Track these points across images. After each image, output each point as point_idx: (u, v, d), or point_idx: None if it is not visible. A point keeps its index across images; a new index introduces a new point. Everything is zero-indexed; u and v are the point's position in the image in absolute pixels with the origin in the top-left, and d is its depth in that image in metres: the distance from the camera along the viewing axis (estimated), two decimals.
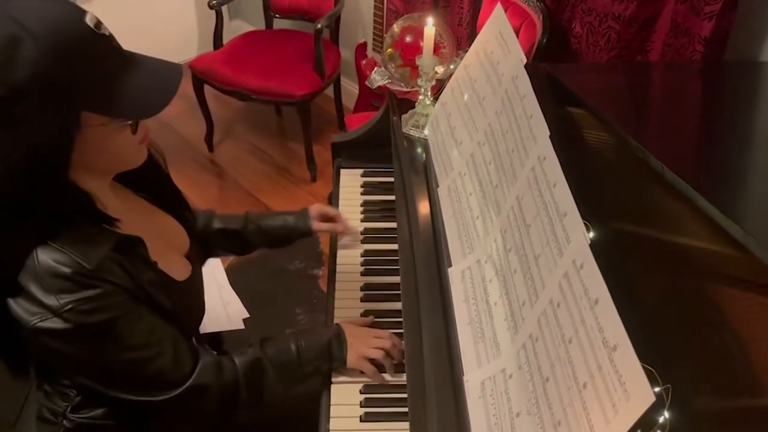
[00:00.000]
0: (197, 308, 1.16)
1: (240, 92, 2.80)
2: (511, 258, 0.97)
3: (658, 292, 0.93)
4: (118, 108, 0.87)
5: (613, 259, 0.83)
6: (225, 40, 2.99)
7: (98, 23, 0.87)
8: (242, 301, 1.80)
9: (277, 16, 3.13)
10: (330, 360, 1.16)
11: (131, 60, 0.91)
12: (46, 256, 0.87)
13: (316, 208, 1.44)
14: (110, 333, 0.93)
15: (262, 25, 3.20)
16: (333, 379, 1.18)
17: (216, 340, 1.43)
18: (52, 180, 0.87)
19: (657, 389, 0.68)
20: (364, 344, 1.17)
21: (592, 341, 0.73)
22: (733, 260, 0.92)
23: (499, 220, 1.03)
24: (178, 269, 1.08)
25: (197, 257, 1.20)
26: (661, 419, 0.69)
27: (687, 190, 0.99)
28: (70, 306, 0.88)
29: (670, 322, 0.87)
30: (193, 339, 1.13)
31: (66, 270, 0.87)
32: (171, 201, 1.17)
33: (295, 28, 3.18)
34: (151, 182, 1.12)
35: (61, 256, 0.88)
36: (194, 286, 1.15)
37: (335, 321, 1.27)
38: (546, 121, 0.99)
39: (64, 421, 1.07)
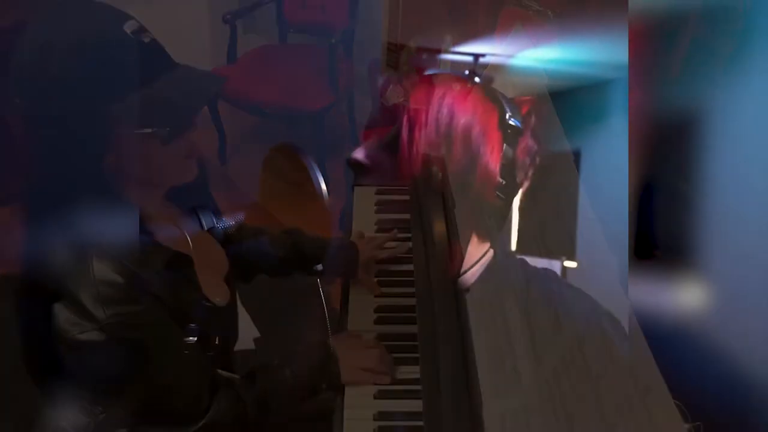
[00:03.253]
0: (231, 334, 1.15)
1: (253, 106, 2.79)
2: (533, 286, 0.94)
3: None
4: (141, 116, 0.87)
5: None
6: (239, 54, 2.98)
7: (138, 30, 0.88)
8: (252, 320, 1.77)
9: (291, 30, 3.12)
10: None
11: (168, 68, 0.91)
12: (101, 265, 0.88)
13: (366, 255, 1.39)
14: (141, 352, 0.93)
15: (275, 39, 3.20)
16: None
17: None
18: (90, 178, 0.89)
19: (687, 426, 0.65)
20: (353, 359, 1.15)
21: (623, 379, 0.69)
22: None
23: None
24: (218, 293, 1.07)
25: (235, 281, 1.18)
26: None
27: None
28: (114, 319, 0.88)
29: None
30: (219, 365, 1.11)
31: (120, 279, 0.88)
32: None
33: (308, 42, 3.17)
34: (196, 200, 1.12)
35: (117, 266, 0.88)
36: (232, 311, 1.14)
37: None
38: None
39: None
